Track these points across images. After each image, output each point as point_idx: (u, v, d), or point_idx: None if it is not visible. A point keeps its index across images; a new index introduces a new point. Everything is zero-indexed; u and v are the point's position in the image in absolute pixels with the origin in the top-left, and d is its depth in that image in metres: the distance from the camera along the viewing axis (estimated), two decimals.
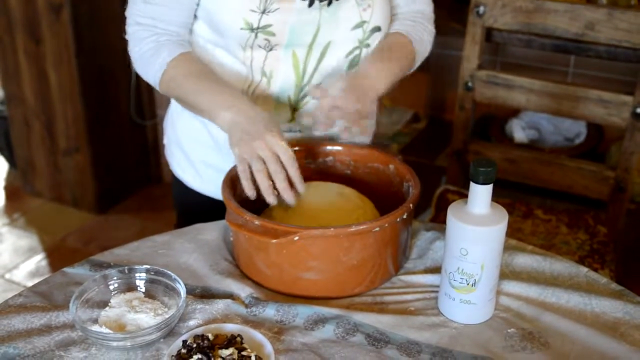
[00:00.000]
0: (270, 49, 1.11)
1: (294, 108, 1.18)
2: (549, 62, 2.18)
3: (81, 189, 2.61)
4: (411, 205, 0.99)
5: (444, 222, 0.95)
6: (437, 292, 0.98)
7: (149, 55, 1.12)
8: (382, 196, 1.09)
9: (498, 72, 1.70)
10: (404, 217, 0.98)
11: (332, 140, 1.15)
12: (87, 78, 2.41)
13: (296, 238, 0.93)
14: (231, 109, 1.05)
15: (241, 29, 1.08)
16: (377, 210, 1.07)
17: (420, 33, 1.22)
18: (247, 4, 1.06)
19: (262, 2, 1.06)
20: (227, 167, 1.07)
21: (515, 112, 2.20)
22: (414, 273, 1.04)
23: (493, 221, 0.90)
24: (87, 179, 2.57)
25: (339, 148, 1.15)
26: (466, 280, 0.92)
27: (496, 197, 0.91)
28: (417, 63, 1.23)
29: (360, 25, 1.13)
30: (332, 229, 0.94)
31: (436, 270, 1.02)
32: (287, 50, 1.11)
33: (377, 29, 1.16)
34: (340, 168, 1.15)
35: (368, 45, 1.16)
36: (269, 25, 1.08)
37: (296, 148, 1.14)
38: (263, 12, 1.07)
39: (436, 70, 1.17)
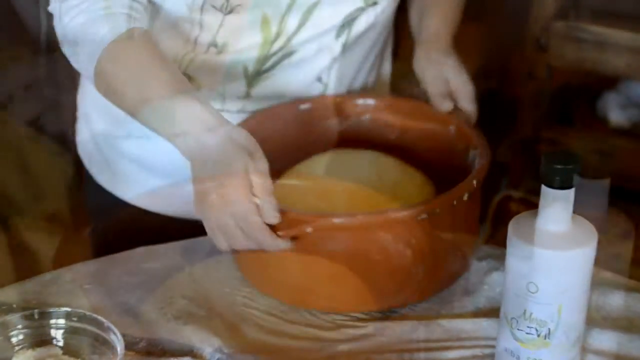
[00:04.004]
0: (229, 11, 1.11)
1: (250, 82, 1.19)
2: None
3: None
4: (475, 181, 1.00)
5: (503, 244, 0.96)
6: (493, 346, 0.99)
7: (88, 26, 1.05)
8: (438, 170, 1.11)
9: (585, 23, 1.70)
10: (464, 198, 0.99)
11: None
12: None
13: (309, 230, 0.94)
14: (195, 123, 0.97)
15: None
16: (432, 188, 1.09)
17: None
18: None
19: None
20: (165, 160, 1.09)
21: (611, 82, 2.21)
22: (461, 317, 1.05)
23: (576, 243, 0.90)
24: None
25: (379, 102, 1.18)
26: (536, 330, 0.92)
27: (581, 208, 0.92)
28: None
29: None
30: (359, 216, 0.95)
31: (492, 313, 1.03)
32: (254, 12, 1.12)
33: None
34: (380, 131, 1.17)
35: (375, 4, 1.16)
36: None
37: (306, 105, 1.17)
38: None
39: (492, 20, 1.17)
